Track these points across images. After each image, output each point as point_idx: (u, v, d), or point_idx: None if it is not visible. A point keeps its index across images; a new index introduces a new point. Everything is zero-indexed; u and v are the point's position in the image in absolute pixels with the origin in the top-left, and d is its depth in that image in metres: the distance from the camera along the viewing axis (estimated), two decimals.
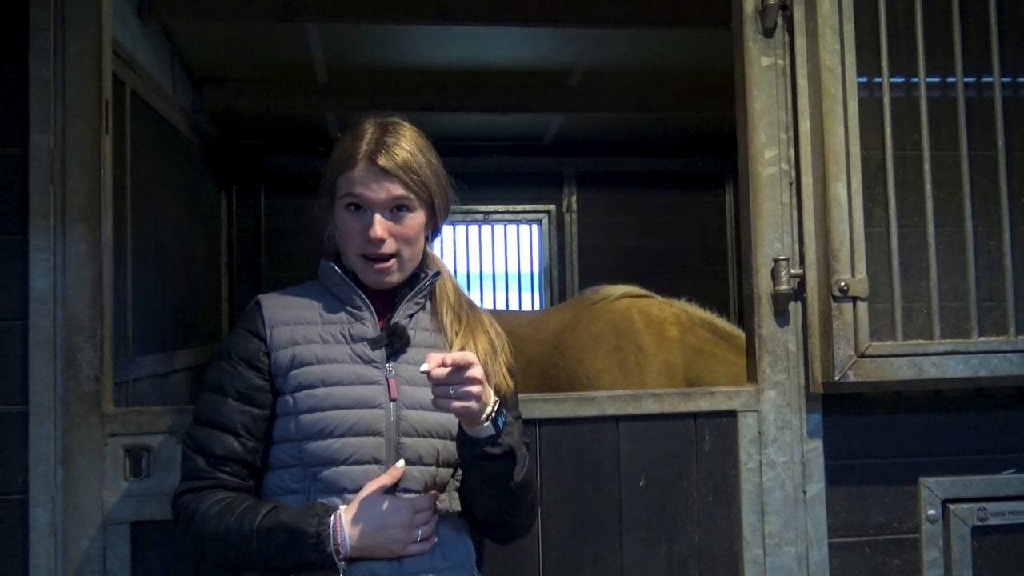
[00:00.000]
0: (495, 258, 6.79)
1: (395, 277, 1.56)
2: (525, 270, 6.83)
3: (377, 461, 1.48)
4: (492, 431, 1.44)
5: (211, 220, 5.71)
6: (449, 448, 1.54)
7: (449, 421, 1.54)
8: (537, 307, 6.58)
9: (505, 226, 6.80)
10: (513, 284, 6.81)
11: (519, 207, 6.69)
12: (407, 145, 1.55)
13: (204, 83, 5.09)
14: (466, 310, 1.67)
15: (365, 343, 1.53)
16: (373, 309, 1.57)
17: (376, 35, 4.52)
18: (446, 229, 6.48)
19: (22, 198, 1.78)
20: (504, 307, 6.56)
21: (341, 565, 1.41)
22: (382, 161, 1.52)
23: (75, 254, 1.78)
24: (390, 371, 1.52)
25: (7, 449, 1.75)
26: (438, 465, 1.53)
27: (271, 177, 6.26)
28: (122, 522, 1.76)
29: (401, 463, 1.49)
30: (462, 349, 1.58)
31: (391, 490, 1.48)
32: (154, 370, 4.07)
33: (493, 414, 1.44)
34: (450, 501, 1.57)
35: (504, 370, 1.64)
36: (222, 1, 3.89)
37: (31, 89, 1.78)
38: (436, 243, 1.74)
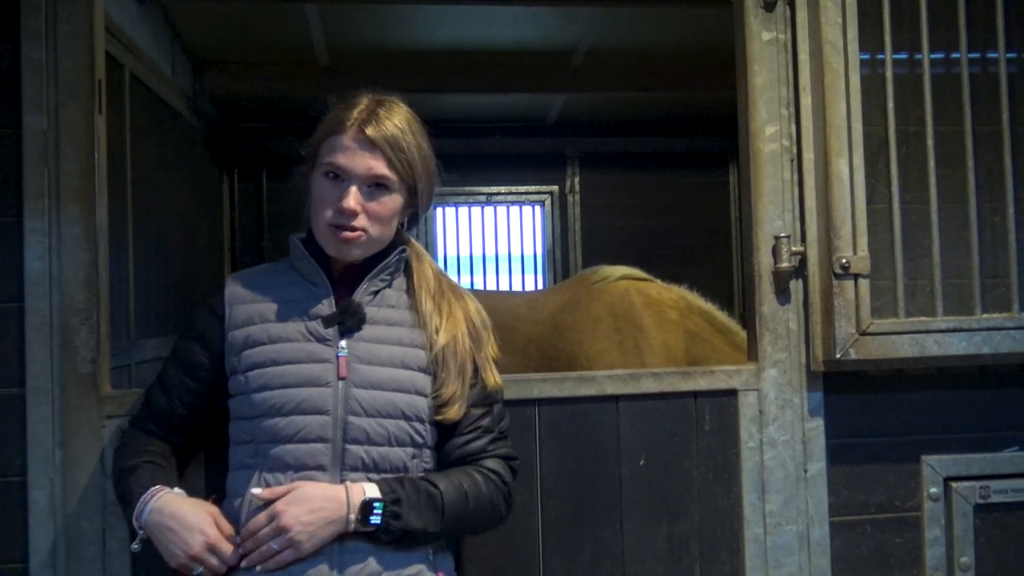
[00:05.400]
0: (498, 240, 6.76)
1: (358, 252, 1.54)
2: (528, 252, 6.80)
3: (323, 440, 1.48)
4: (374, 528, 1.45)
5: (213, 203, 5.69)
6: (403, 428, 1.51)
7: (403, 401, 1.52)
8: (540, 288, 6.55)
9: (508, 207, 6.77)
10: (516, 266, 6.79)
11: (522, 188, 6.66)
12: (399, 122, 1.53)
13: (204, 66, 5.06)
14: (448, 298, 1.63)
15: (319, 320, 1.53)
16: (335, 286, 1.57)
17: (377, 16, 4.48)
18: (449, 212, 6.55)
19: (16, 180, 1.77)
20: (507, 289, 6.54)
21: (139, 534, 1.48)
22: (370, 131, 1.50)
23: (70, 236, 1.77)
24: (342, 349, 1.51)
25: (5, 431, 1.75)
26: (390, 445, 1.51)
27: (273, 160, 6.22)
28: None
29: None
30: (447, 344, 1.56)
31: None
32: (157, 353, 4.07)
33: (356, 525, 1.44)
34: None
35: (489, 363, 1.62)
36: None
37: (23, 69, 1.76)
38: (438, 226, 1.72)
